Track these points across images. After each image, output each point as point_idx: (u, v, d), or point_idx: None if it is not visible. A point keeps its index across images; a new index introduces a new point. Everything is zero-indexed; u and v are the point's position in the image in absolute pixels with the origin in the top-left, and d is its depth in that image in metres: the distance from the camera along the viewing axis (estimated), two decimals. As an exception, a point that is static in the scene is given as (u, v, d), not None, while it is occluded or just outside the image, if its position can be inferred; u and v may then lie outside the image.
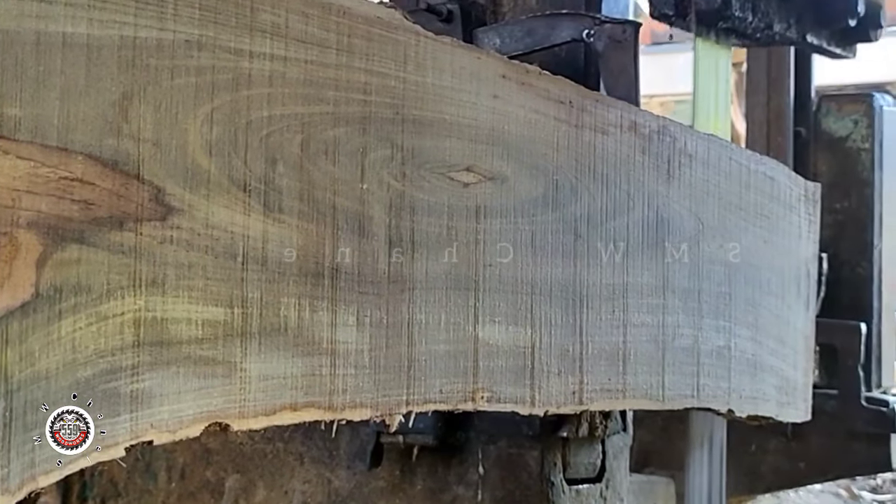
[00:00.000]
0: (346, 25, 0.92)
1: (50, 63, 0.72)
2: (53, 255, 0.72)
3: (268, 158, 0.85)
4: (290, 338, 0.87)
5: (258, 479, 1.65)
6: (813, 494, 4.17)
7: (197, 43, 0.81)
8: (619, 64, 1.41)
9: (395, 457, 1.57)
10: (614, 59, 1.41)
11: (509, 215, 1.06)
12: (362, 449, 1.59)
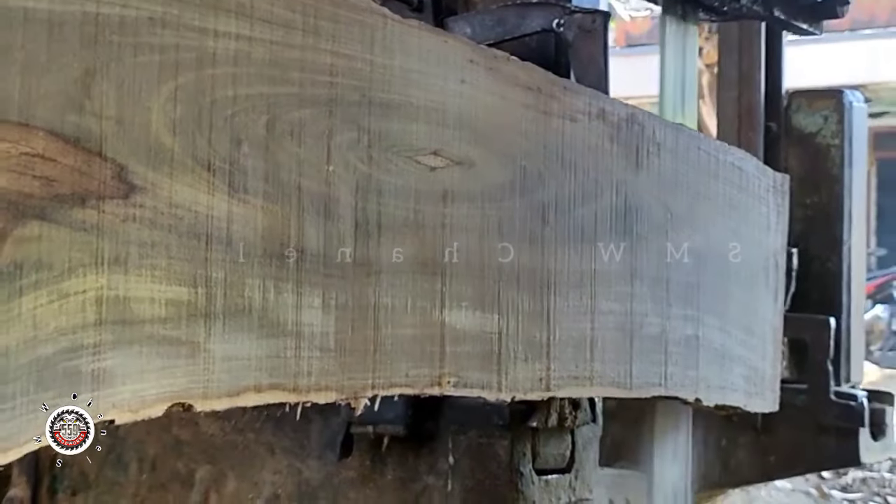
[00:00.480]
0: (312, 7, 0.91)
1: (11, 38, 0.72)
2: (13, 231, 0.72)
3: (232, 138, 0.85)
4: (254, 319, 0.86)
5: (229, 469, 1.65)
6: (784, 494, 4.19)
7: (161, 20, 0.80)
8: (588, 53, 1.42)
9: (366, 447, 1.57)
10: (584, 48, 1.41)
11: (476, 200, 1.06)
12: (333, 440, 1.58)
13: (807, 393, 2.32)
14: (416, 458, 1.56)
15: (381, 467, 1.57)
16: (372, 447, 1.58)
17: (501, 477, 1.50)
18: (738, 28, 2.43)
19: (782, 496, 4.20)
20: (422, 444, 1.55)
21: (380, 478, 1.58)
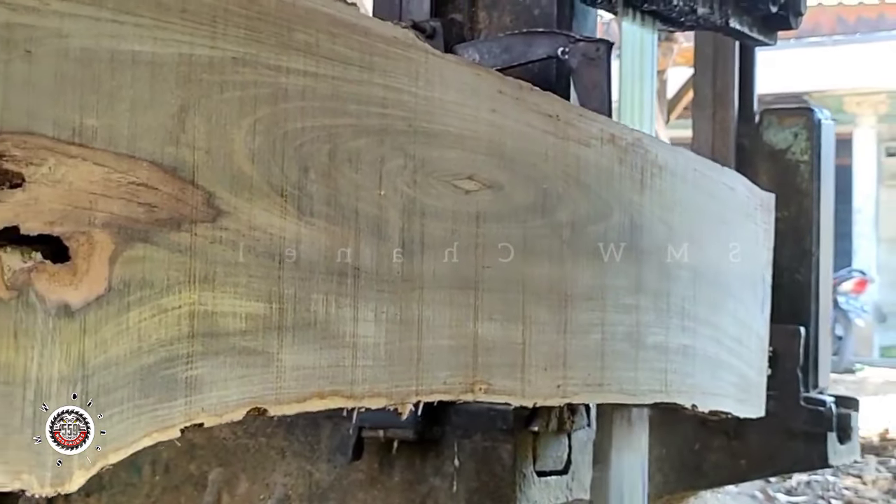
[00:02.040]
0: (368, 44, 1.00)
1: (121, 78, 0.80)
2: (123, 252, 0.80)
3: (301, 166, 0.93)
4: (318, 331, 0.95)
5: (241, 472, 1.72)
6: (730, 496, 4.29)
7: (242, 60, 0.88)
8: (592, 80, 1.51)
9: (374, 450, 1.65)
10: (588, 75, 1.51)
11: (504, 221, 1.15)
12: (343, 443, 1.66)
13: (777, 399, 2.42)
14: (422, 461, 1.65)
15: (389, 470, 1.66)
16: (380, 450, 1.66)
17: (504, 478, 1.59)
18: (713, 48, 2.55)
19: (728, 499, 4.31)
20: (429, 447, 1.63)
21: (388, 479, 1.66)
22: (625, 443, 1.53)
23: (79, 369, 0.77)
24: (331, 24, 0.96)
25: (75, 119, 0.77)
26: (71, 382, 0.77)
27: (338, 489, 1.68)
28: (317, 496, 1.71)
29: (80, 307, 0.77)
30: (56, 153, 0.75)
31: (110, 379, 0.79)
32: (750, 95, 2.55)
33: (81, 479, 0.78)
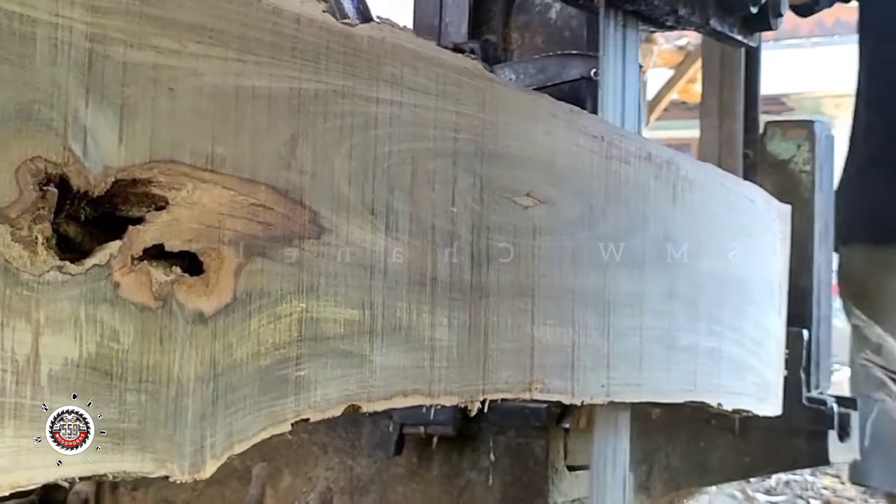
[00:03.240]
0: (443, 75, 1.10)
1: (243, 111, 0.90)
2: (245, 266, 0.90)
3: (388, 187, 1.03)
4: (402, 335, 1.05)
5: (284, 466, 1.82)
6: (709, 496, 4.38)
7: (341, 92, 0.99)
8: (623, 100, 1.61)
9: (413, 446, 1.75)
10: (619, 95, 1.61)
11: (556, 234, 1.26)
12: (382, 439, 1.77)
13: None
14: (459, 456, 1.75)
15: (428, 464, 1.76)
16: (419, 446, 1.76)
17: (537, 472, 1.70)
18: (720, 63, 2.66)
19: (707, 499, 4.40)
20: (465, 443, 1.74)
21: (426, 473, 1.76)
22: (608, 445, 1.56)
23: (210, 370, 0.87)
24: (413, 57, 1.06)
25: (208, 148, 0.87)
26: (204, 382, 0.87)
27: (378, 483, 1.78)
28: (357, 489, 1.81)
29: (212, 315, 0.87)
30: (193, 178, 0.85)
31: (235, 379, 0.89)
32: (754, 108, 2.66)
33: (213, 467, 0.88)
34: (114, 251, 0.81)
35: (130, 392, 0.81)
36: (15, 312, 0.74)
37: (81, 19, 0.78)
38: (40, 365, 0.75)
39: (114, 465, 0.80)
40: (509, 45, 1.79)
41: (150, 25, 0.82)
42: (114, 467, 0.81)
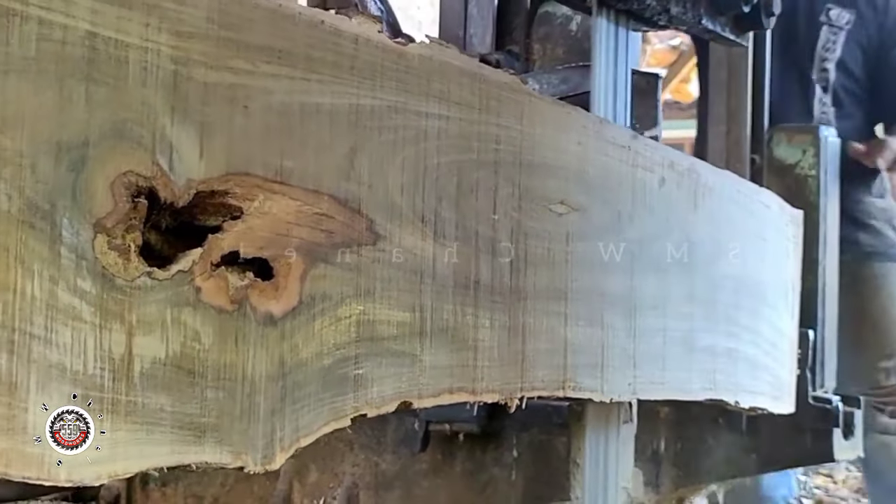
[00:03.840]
0: (485, 90, 1.16)
1: (308, 126, 0.96)
2: (310, 271, 0.96)
3: (436, 196, 1.10)
4: (449, 336, 1.11)
5: (311, 462, 1.88)
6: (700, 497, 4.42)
7: (394, 107, 1.05)
8: (643, 110, 1.68)
9: (437, 442, 1.82)
10: (639, 105, 1.68)
11: (587, 239, 1.32)
12: (407, 436, 1.83)
13: (788, 397, 2.60)
14: (483, 453, 1.81)
15: (451, 460, 1.82)
16: (443, 443, 1.82)
17: (559, 468, 1.76)
18: (728, 72, 2.72)
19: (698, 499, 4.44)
20: (489, 440, 1.80)
21: (450, 469, 1.83)
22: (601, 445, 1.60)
23: (279, 369, 0.93)
24: (459, 74, 1.12)
25: (277, 161, 0.93)
26: (274, 380, 0.93)
27: (402, 478, 1.84)
28: (383, 485, 1.87)
29: (280, 317, 0.93)
30: (264, 190, 0.92)
31: (301, 377, 0.95)
32: (760, 114, 2.72)
33: (282, 459, 0.94)
34: (195, 258, 0.87)
35: (210, 389, 0.87)
36: (111, 315, 0.80)
37: (167, 43, 0.84)
38: (133, 364, 0.81)
39: (196, 457, 0.87)
40: (531, 55, 1.85)
41: (226, 48, 0.88)
42: (196, 458, 0.87)
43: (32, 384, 0.75)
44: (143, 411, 0.82)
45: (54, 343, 0.76)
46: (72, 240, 0.77)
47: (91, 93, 0.79)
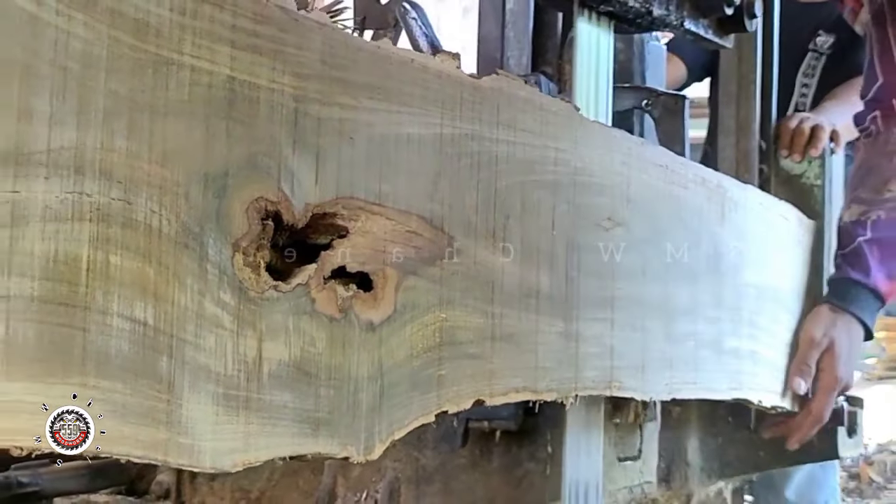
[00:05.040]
0: (543, 117, 1.28)
1: (401, 154, 1.08)
2: (402, 283, 1.08)
3: (504, 214, 1.22)
4: (515, 341, 1.23)
5: (355, 458, 1.99)
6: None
7: (471, 135, 1.17)
8: (671, 128, 1.80)
9: (475, 439, 1.93)
10: (668, 124, 1.80)
11: (630, 252, 1.44)
12: (447, 433, 1.94)
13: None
14: (518, 448, 1.93)
15: (489, 456, 1.94)
16: (480, 439, 1.94)
17: (591, 463, 1.88)
18: (737, 85, 2.85)
19: None
20: (524, 436, 1.92)
21: (487, 464, 1.94)
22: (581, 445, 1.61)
23: (378, 370, 1.05)
24: (523, 103, 1.25)
25: (376, 186, 1.05)
26: (373, 380, 1.05)
27: (442, 473, 1.96)
28: (423, 479, 1.98)
29: (378, 324, 1.05)
30: (366, 211, 1.04)
31: (395, 377, 1.07)
32: (768, 126, 2.85)
33: (380, 451, 1.06)
34: (311, 272, 0.99)
35: (323, 388, 0.99)
36: (246, 323, 0.92)
37: (290, 84, 0.96)
38: (262, 366, 0.93)
39: (312, 447, 0.99)
40: (563, 75, 1.97)
41: (335, 86, 1.00)
42: (311, 449, 0.99)
43: (186, 383, 0.87)
44: (270, 407, 0.94)
45: (202, 347, 0.88)
46: (216, 257, 0.89)
47: (230, 130, 0.90)
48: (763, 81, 2.82)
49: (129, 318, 0.82)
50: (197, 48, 0.88)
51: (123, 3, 0.82)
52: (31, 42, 0.76)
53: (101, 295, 0.80)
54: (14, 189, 0.75)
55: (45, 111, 0.77)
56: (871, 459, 7.04)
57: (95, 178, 0.80)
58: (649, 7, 1.58)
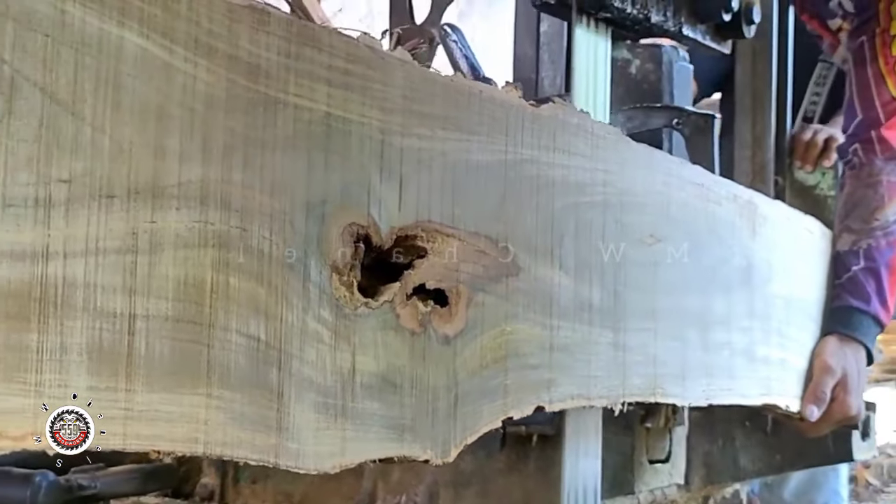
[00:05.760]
0: (594, 141, 1.37)
1: (469, 180, 1.16)
2: (472, 299, 1.16)
3: (559, 234, 1.30)
4: (570, 351, 1.32)
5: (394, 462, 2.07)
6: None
7: (531, 160, 1.25)
8: (701, 146, 1.89)
9: (512, 443, 2.01)
10: (699, 142, 1.89)
11: (670, 266, 1.53)
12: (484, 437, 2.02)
13: (810, 401, 2.81)
14: (554, 452, 2.01)
15: (525, 459, 2.02)
16: (517, 443, 2.02)
17: (624, 465, 1.97)
18: (752, 98, 2.94)
19: None
20: (559, 441, 2.00)
21: (524, 468, 2.02)
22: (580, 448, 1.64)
23: (453, 380, 1.14)
24: (576, 128, 1.33)
25: (450, 209, 1.13)
26: (448, 389, 1.13)
27: (479, 476, 2.04)
28: (461, 483, 2.06)
29: (453, 337, 1.14)
30: (441, 233, 1.12)
31: (467, 387, 1.16)
32: (783, 139, 2.94)
33: (455, 454, 1.15)
34: (396, 290, 1.07)
35: (406, 397, 1.08)
36: (342, 338, 1.01)
37: (377, 118, 1.04)
38: (356, 376, 1.02)
39: (397, 451, 1.07)
40: (595, 95, 2.06)
41: (414, 118, 1.09)
42: (397, 452, 1.07)
43: (292, 393, 0.95)
44: (363, 415, 1.03)
45: (305, 360, 0.97)
46: (317, 278, 0.98)
47: (328, 161, 0.99)
48: (778, 95, 2.91)
49: (246, 334, 0.91)
50: (299, 87, 0.96)
51: (239, 48, 0.90)
52: (165, 86, 0.85)
53: (223, 314, 0.89)
54: (152, 220, 0.84)
55: (175, 149, 0.85)
56: (867, 462, 7.12)
57: (217, 208, 0.88)
58: (647, 13, 1.61)
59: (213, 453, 0.88)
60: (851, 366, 1.91)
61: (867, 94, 2.22)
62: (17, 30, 0.75)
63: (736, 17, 1.77)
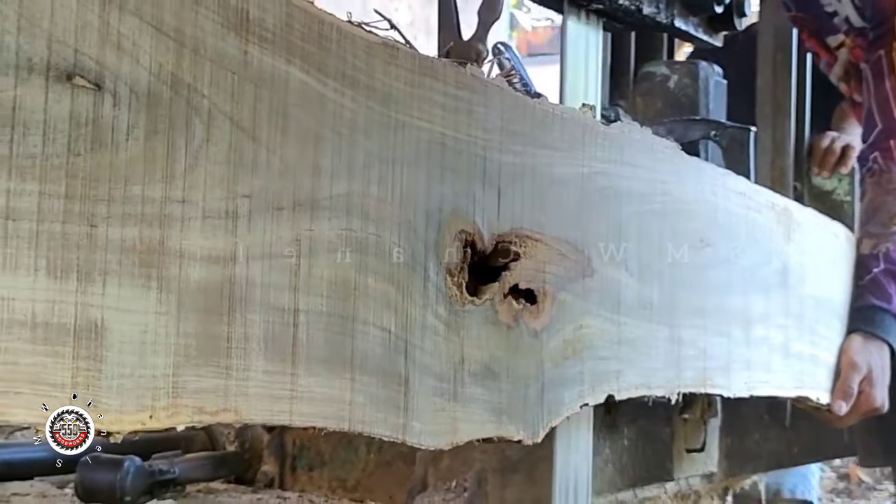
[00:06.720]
0: (653, 154, 1.51)
1: (553, 190, 1.31)
2: (556, 298, 1.31)
3: (625, 238, 1.44)
4: (636, 345, 1.46)
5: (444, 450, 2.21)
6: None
7: (602, 172, 1.40)
8: (737, 157, 2.04)
9: (557, 432, 2.16)
10: (735, 153, 2.03)
11: (717, 268, 1.67)
12: (531, 428, 2.16)
13: (827, 397, 2.95)
14: (597, 440, 2.15)
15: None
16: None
17: (663, 453, 2.11)
18: (773, 108, 3.08)
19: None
20: (602, 429, 2.14)
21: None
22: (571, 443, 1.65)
23: (540, 369, 1.28)
24: (639, 144, 1.47)
25: (538, 217, 1.28)
26: (537, 378, 1.28)
27: (526, 462, 2.18)
28: (508, 469, 2.21)
29: (540, 331, 1.28)
30: (531, 239, 1.27)
31: (552, 375, 1.30)
32: (801, 145, 3.08)
33: (542, 435, 1.29)
34: (495, 290, 1.22)
35: (504, 383, 1.22)
36: (453, 331, 1.15)
37: (480, 136, 1.19)
38: (464, 365, 1.16)
39: (496, 432, 1.21)
40: (635, 108, 2.20)
41: (509, 137, 1.23)
42: (496, 433, 1.22)
43: (416, 379, 1.10)
44: (470, 399, 1.17)
45: (425, 350, 1.11)
46: (434, 278, 1.12)
47: (443, 175, 1.13)
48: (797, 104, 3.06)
49: (380, 327, 1.05)
50: (420, 111, 1.11)
51: (374, 80, 1.05)
52: (320, 114, 0.99)
53: (363, 309, 1.03)
54: (310, 228, 0.98)
55: (328, 167, 1.00)
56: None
57: (358, 217, 1.03)
58: (639, 5, 1.63)
59: (356, 430, 1.02)
60: (876, 361, 2.05)
61: (886, 106, 2.36)
62: (212, 69, 0.89)
63: (728, 10, 1.79)
